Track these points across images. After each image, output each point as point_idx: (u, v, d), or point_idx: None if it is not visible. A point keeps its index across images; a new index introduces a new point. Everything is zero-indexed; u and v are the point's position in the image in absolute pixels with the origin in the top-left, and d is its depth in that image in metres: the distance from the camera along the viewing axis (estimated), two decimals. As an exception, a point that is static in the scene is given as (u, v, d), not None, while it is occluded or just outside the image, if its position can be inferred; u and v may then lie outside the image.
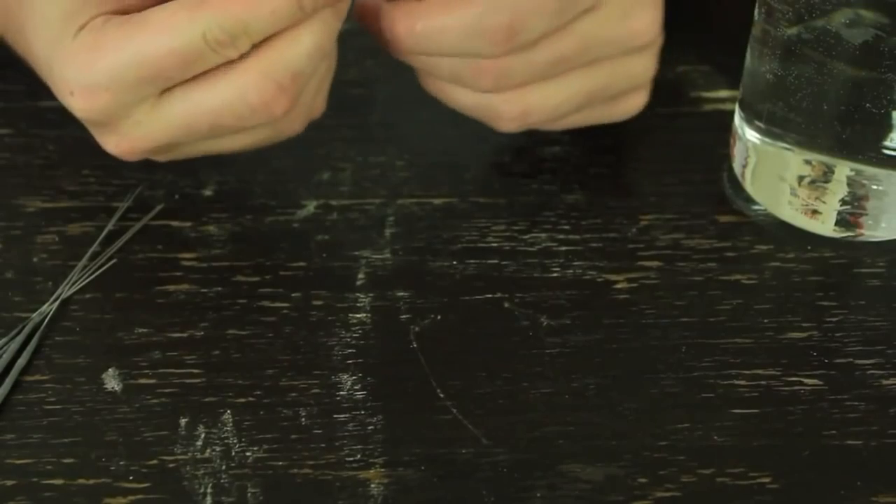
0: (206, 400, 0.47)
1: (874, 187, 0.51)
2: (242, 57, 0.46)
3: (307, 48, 0.47)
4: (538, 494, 0.45)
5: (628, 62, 0.53)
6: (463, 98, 0.53)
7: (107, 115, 0.47)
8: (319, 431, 0.46)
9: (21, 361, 0.48)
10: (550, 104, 0.53)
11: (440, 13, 0.49)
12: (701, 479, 0.45)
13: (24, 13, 0.48)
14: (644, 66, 0.54)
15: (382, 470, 0.45)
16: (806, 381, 0.49)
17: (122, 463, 0.45)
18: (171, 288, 0.51)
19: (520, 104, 0.52)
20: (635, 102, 0.55)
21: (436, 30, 0.49)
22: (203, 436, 0.46)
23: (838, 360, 0.49)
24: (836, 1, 0.48)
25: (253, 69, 0.46)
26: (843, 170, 0.51)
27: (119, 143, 0.48)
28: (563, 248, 0.53)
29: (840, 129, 0.50)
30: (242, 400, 0.47)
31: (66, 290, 0.50)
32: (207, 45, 0.45)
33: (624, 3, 0.51)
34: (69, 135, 0.57)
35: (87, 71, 0.46)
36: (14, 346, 0.48)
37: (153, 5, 0.46)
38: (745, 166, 0.54)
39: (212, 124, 0.47)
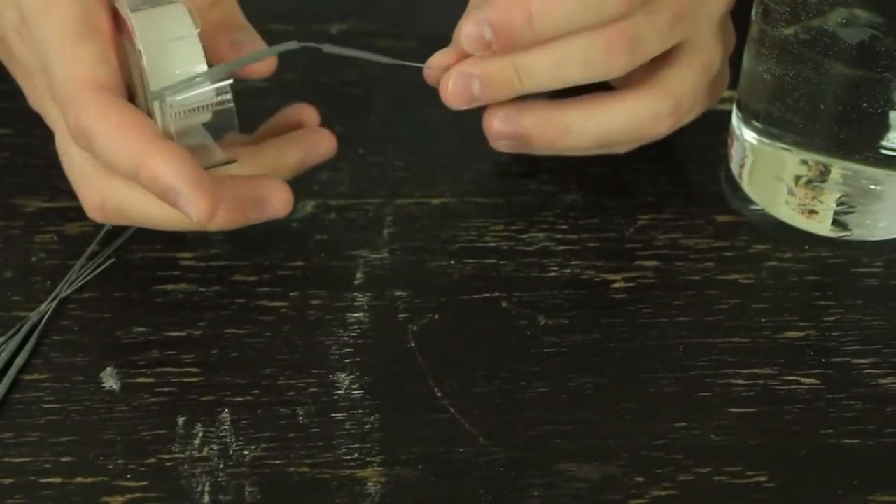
0: (204, 399, 0.47)
1: (871, 187, 0.51)
2: None
3: None
4: (535, 493, 0.45)
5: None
6: (615, 115, 0.51)
7: None
8: (317, 430, 0.46)
9: (19, 360, 0.48)
10: (688, 85, 0.51)
11: None
12: (698, 477, 0.45)
13: None
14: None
15: (380, 469, 0.45)
16: (803, 380, 0.49)
17: (119, 462, 0.45)
18: (170, 287, 0.51)
19: (669, 96, 0.50)
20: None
21: (552, 4, 0.47)
22: (201, 435, 0.46)
23: (835, 360, 0.49)
24: (833, 0, 0.48)
25: None
26: (840, 169, 0.51)
27: None
28: (561, 248, 0.53)
29: (837, 129, 0.50)
30: (240, 399, 0.47)
31: (64, 290, 0.51)
32: None
33: None
34: (68, 135, 0.57)
35: None
36: (12, 345, 0.48)
37: None
38: (742, 166, 0.54)
39: None
